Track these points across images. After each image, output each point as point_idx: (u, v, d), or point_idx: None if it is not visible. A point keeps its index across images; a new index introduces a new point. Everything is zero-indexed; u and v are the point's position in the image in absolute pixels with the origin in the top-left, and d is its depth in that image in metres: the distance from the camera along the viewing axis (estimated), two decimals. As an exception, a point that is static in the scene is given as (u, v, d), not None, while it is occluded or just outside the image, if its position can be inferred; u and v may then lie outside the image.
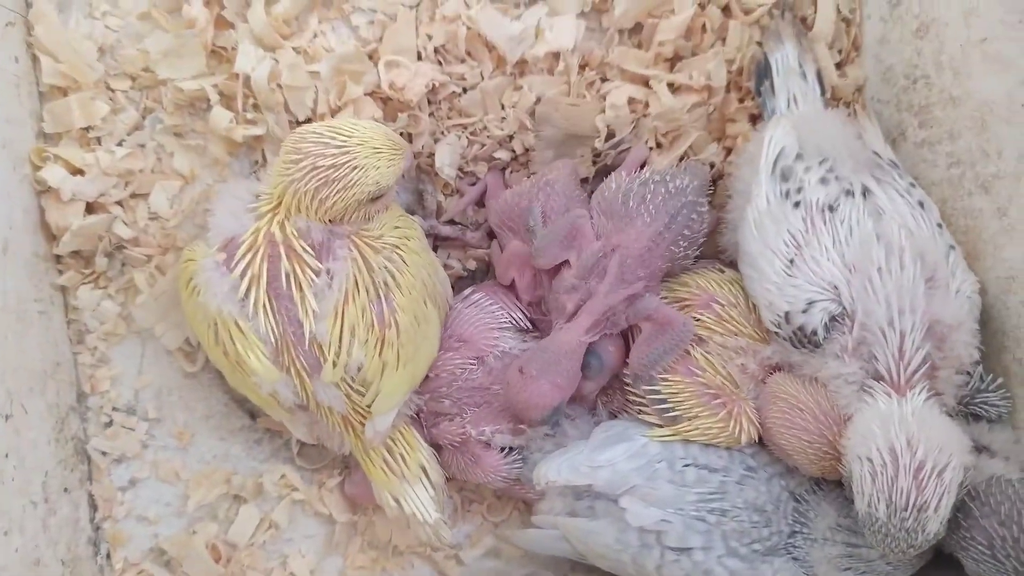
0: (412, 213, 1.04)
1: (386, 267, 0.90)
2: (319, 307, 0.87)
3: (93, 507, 1.03)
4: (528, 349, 0.96)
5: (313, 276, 0.88)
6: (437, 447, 1.01)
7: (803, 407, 0.91)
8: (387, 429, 0.92)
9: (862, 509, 0.84)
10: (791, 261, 0.91)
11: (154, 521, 1.05)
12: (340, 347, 0.88)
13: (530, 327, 1.02)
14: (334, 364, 0.88)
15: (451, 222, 1.08)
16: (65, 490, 0.97)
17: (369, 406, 0.92)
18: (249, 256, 0.87)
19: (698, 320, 0.97)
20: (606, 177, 1.02)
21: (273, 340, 0.88)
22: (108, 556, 1.04)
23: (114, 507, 1.04)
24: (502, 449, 1.00)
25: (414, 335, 0.92)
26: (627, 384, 0.98)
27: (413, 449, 0.96)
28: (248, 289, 0.87)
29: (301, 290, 0.87)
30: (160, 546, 1.04)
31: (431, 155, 1.04)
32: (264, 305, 0.88)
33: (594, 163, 1.07)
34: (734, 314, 0.96)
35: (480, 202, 1.08)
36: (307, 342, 0.88)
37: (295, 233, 0.88)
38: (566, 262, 0.97)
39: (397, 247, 0.92)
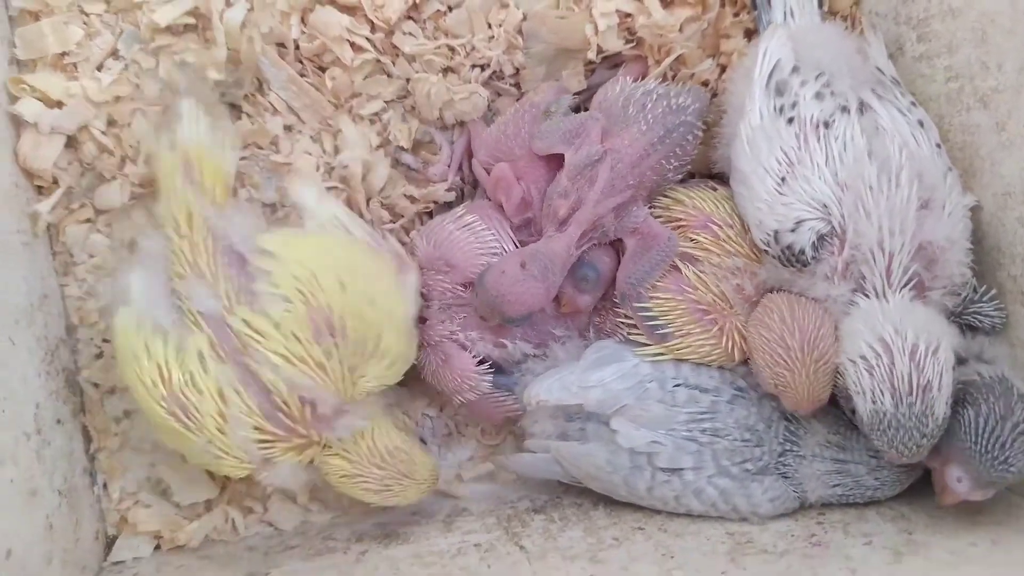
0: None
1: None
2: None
3: (87, 438, 1.04)
4: (523, 249, 0.95)
5: None
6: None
7: (773, 307, 0.90)
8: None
9: (867, 409, 0.83)
10: (783, 179, 0.89)
11: (149, 451, 1.05)
12: None
13: None
14: None
15: (413, 152, 1.06)
16: (58, 421, 0.97)
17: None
18: None
19: (694, 241, 0.96)
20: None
21: None
22: (105, 486, 1.04)
23: (108, 438, 1.04)
24: (479, 361, 0.99)
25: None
26: (616, 304, 0.98)
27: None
28: None
29: None
30: (156, 475, 1.05)
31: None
32: None
33: (587, 77, 1.05)
34: (731, 234, 0.96)
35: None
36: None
37: None
38: (560, 170, 0.95)
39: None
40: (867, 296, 0.87)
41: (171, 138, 0.89)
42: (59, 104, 0.97)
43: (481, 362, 0.99)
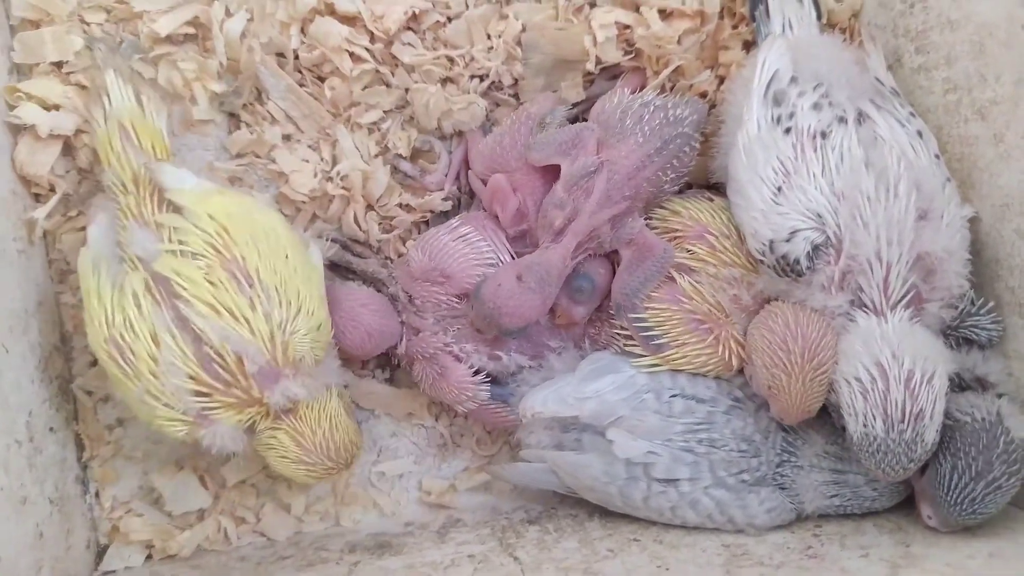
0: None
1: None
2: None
3: (80, 446, 1.03)
4: (518, 261, 0.95)
5: None
6: (411, 361, 1.01)
7: (778, 312, 0.90)
8: None
9: (857, 431, 0.84)
10: (779, 189, 0.89)
11: (142, 459, 1.04)
12: None
13: None
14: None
15: (412, 161, 1.06)
16: (51, 429, 0.97)
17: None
18: None
19: (691, 252, 0.96)
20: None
21: None
22: (97, 495, 1.04)
23: (101, 446, 1.03)
24: (474, 372, 0.98)
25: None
26: (612, 315, 0.97)
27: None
28: None
29: None
30: (149, 484, 1.04)
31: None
32: None
33: (586, 88, 1.05)
34: (727, 245, 0.95)
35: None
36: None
37: None
38: (556, 181, 0.95)
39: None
40: (866, 312, 0.87)
41: (103, 110, 0.91)
42: (56, 107, 0.98)
43: (476, 373, 0.99)
